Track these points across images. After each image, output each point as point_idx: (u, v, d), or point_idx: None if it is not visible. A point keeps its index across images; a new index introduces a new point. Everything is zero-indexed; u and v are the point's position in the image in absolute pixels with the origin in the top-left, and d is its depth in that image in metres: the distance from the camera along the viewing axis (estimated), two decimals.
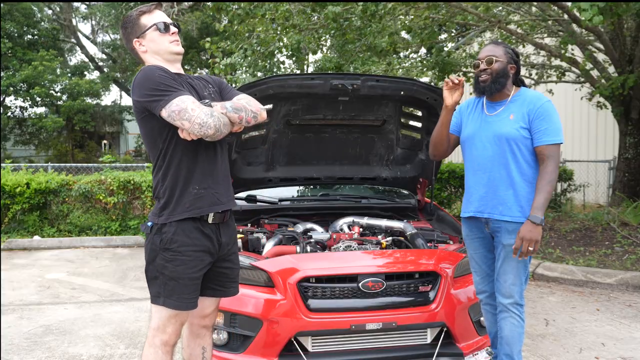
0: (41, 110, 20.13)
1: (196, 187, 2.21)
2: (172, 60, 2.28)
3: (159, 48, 2.24)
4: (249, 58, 7.93)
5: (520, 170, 2.67)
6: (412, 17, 8.87)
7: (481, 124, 2.80)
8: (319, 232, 3.67)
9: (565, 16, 7.29)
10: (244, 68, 8.38)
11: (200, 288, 2.29)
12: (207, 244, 2.24)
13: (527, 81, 10.82)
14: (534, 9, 8.98)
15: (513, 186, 2.67)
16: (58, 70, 19.81)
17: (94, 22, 23.48)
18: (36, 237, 8.01)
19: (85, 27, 53.94)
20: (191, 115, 2.06)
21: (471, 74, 10.67)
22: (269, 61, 8.46)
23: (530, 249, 2.55)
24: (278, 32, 7.95)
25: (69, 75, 20.90)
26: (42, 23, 21.01)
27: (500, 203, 2.69)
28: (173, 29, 2.27)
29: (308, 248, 3.32)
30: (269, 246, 3.33)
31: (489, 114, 2.80)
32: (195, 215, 2.20)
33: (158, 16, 2.27)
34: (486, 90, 2.75)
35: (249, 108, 2.28)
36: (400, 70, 10.44)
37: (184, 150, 2.19)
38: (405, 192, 4.50)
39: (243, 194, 4.08)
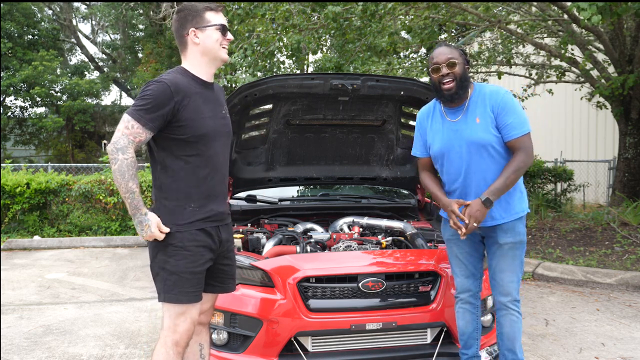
0: (41, 110, 20.11)
1: (191, 205, 2.25)
2: (214, 64, 2.33)
3: (212, 47, 2.28)
4: (249, 58, 7.94)
5: (500, 171, 2.62)
6: (412, 17, 8.87)
7: (449, 134, 2.70)
8: (319, 232, 3.67)
9: (565, 16, 7.29)
10: (244, 68, 8.38)
11: (203, 283, 2.30)
12: (207, 241, 2.27)
13: (526, 81, 10.83)
14: (533, 9, 8.99)
15: None
16: (58, 70, 19.78)
17: (94, 22, 23.48)
18: (36, 237, 8.01)
19: (85, 27, 53.95)
20: (116, 137, 2.14)
21: (471, 74, 10.69)
22: (269, 61, 8.45)
23: (475, 224, 2.55)
24: (278, 32, 7.95)
25: (69, 75, 20.88)
26: (42, 23, 20.98)
27: (490, 209, 2.64)
28: (230, 35, 2.33)
29: (308, 248, 3.32)
30: (269, 246, 3.33)
31: (452, 120, 2.69)
32: (189, 229, 2.24)
33: (221, 18, 2.33)
34: (455, 98, 2.63)
35: None
36: (400, 70, 10.44)
37: (184, 166, 2.24)
38: (405, 192, 4.50)
39: (243, 194, 4.08)
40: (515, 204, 2.70)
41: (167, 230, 2.18)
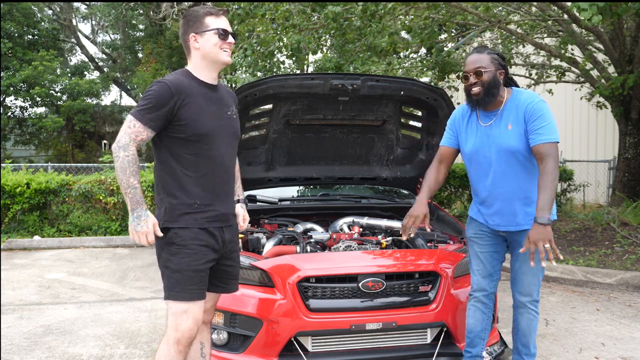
0: (41, 110, 20.10)
1: (197, 203, 2.27)
2: (215, 67, 2.37)
3: (211, 51, 2.32)
4: (249, 58, 7.94)
5: (529, 179, 2.67)
6: (412, 17, 8.87)
7: (481, 137, 2.75)
8: (319, 232, 3.67)
9: (565, 16, 7.29)
10: (243, 68, 8.38)
11: (207, 282, 2.32)
12: (210, 241, 2.30)
13: (526, 81, 10.81)
14: (534, 9, 8.99)
15: (526, 196, 2.68)
16: (58, 70, 19.77)
17: (94, 22, 23.47)
18: (36, 237, 8.01)
19: (85, 27, 53.97)
20: (119, 136, 2.19)
21: None
22: (269, 61, 8.46)
23: (547, 246, 2.43)
24: (278, 32, 7.96)
25: (69, 75, 20.87)
26: (42, 23, 20.96)
27: (516, 215, 2.70)
28: (231, 39, 2.35)
29: (308, 248, 3.32)
30: (269, 246, 3.34)
31: (484, 124, 2.74)
32: (192, 226, 2.26)
33: (222, 22, 2.35)
34: (481, 104, 2.70)
35: None
36: (400, 70, 10.44)
37: (187, 165, 2.27)
38: (405, 192, 4.50)
39: None
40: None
41: (160, 234, 2.22)
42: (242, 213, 2.64)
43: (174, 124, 2.24)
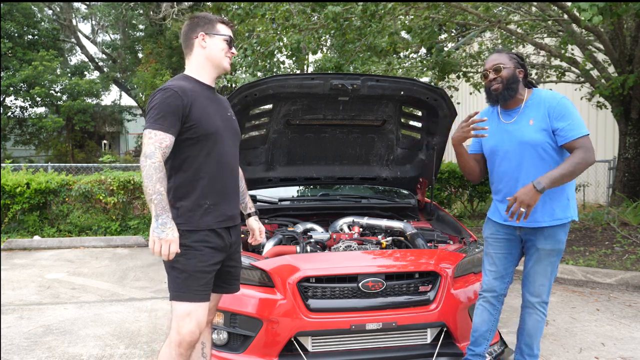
0: (41, 110, 20.12)
1: (206, 203, 2.29)
2: (215, 71, 2.42)
3: (216, 55, 2.38)
4: (249, 58, 7.94)
5: None
6: (412, 17, 8.87)
7: (502, 134, 2.78)
8: (319, 232, 3.67)
9: (565, 16, 7.29)
10: (243, 68, 8.38)
11: (212, 284, 2.33)
12: (218, 242, 2.32)
13: None
14: (534, 9, 8.99)
15: (546, 192, 2.66)
16: (58, 70, 19.79)
17: (94, 22, 23.46)
18: (36, 237, 8.01)
19: (85, 27, 53.99)
20: (144, 148, 2.17)
21: (471, 74, 10.70)
22: (269, 61, 8.46)
23: (523, 210, 2.51)
24: (278, 32, 7.96)
25: (69, 75, 20.88)
26: (42, 23, 20.98)
27: (535, 210, 2.69)
28: (234, 50, 2.47)
29: (308, 248, 3.32)
30: (269, 246, 3.34)
31: (506, 121, 2.78)
32: (202, 228, 2.27)
33: (231, 32, 2.47)
34: (500, 99, 2.74)
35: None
36: (400, 70, 10.44)
37: (196, 166, 2.29)
38: (405, 192, 4.50)
39: None
40: (559, 210, 2.71)
41: (178, 250, 2.16)
42: (257, 226, 2.69)
43: (184, 125, 2.25)
